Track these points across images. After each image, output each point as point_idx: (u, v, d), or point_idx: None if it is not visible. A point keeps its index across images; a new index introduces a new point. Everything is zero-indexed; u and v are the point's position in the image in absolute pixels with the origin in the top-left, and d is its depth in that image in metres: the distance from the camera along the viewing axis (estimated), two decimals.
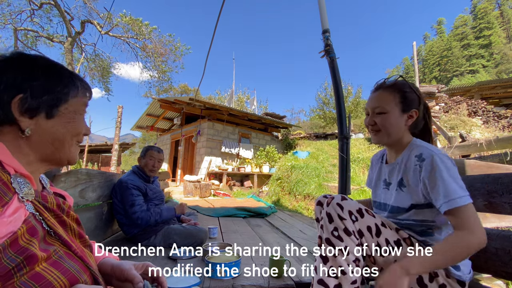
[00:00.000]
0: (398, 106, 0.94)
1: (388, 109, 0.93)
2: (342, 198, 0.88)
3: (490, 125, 7.13)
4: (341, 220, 0.85)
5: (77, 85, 0.60)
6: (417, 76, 7.06)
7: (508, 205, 0.87)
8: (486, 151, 4.34)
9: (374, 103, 0.97)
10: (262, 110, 18.72)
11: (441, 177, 0.78)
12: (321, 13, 2.09)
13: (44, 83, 0.55)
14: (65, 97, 0.57)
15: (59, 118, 0.56)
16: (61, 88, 0.57)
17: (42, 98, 0.54)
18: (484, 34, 44.00)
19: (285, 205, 5.32)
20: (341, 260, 0.82)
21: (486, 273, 0.95)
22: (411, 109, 0.94)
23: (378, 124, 0.95)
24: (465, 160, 1.95)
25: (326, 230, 0.87)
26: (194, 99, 7.36)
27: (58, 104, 0.56)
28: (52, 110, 0.55)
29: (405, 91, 0.95)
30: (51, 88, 0.55)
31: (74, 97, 0.59)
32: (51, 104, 0.55)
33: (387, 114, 0.94)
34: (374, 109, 0.97)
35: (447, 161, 0.82)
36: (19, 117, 0.52)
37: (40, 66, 0.56)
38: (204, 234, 1.97)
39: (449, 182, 0.78)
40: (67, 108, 0.58)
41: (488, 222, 1.97)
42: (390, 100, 0.94)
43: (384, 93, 0.96)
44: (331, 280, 0.83)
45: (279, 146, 10.11)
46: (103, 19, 11.44)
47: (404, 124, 0.95)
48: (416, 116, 0.95)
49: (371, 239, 0.86)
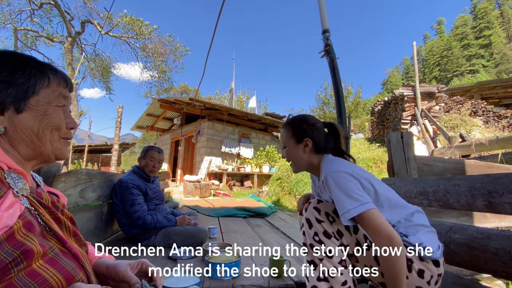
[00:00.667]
0: (292, 139, 1.07)
1: (286, 143, 1.09)
2: (318, 201, 0.91)
3: (490, 125, 7.13)
4: (320, 223, 0.88)
5: (47, 75, 0.57)
6: (417, 76, 7.05)
7: (508, 205, 0.87)
8: (486, 151, 4.35)
9: (281, 140, 1.13)
10: (262, 110, 18.72)
11: (335, 194, 0.86)
12: (321, 13, 2.09)
13: (6, 76, 0.52)
14: (33, 89, 0.54)
15: (31, 111, 0.54)
16: (26, 80, 0.54)
17: (8, 92, 0.52)
18: (484, 34, 44.00)
19: (285, 205, 5.32)
20: (327, 263, 0.85)
21: (486, 273, 0.95)
22: (304, 138, 1.05)
23: (285, 157, 1.10)
24: (465, 160, 1.95)
25: (308, 236, 0.90)
26: (194, 99, 7.36)
27: (26, 97, 0.53)
28: (20, 103, 0.53)
29: (294, 126, 1.08)
30: (14, 80, 0.53)
31: (46, 87, 0.56)
32: (17, 97, 0.52)
33: (287, 147, 1.09)
34: (282, 144, 1.12)
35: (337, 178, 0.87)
36: None
37: (2, 59, 0.54)
38: (204, 234, 1.97)
39: (340, 198, 0.84)
40: (38, 100, 0.55)
41: (488, 222, 1.97)
42: (286, 135, 1.09)
43: (283, 130, 1.12)
44: (322, 285, 0.85)
45: (279, 146, 10.11)
46: (103, 19, 11.45)
47: (303, 152, 1.05)
48: (311, 144, 1.04)
49: (350, 237, 0.88)
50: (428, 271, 0.83)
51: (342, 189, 0.85)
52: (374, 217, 0.79)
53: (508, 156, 3.35)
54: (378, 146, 8.10)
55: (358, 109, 17.85)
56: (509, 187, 0.86)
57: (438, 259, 0.84)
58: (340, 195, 0.84)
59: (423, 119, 6.63)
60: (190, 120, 9.55)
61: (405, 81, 40.56)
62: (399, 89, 7.61)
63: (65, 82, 0.61)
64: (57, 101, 0.58)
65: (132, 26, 11.70)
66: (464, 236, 1.02)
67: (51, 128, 0.56)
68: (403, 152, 1.71)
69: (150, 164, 2.09)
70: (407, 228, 0.89)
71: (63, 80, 0.60)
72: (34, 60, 0.57)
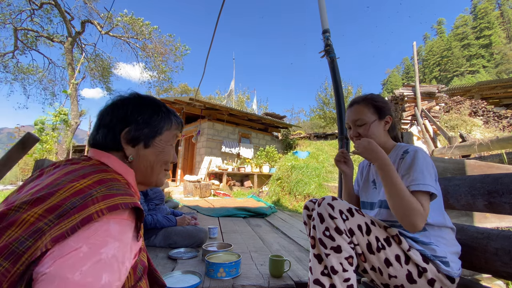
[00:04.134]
0: (374, 115, 1.04)
1: (367, 120, 1.04)
2: (332, 198, 0.92)
3: (491, 125, 7.12)
4: (332, 219, 0.87)
5: (171, 120, 0.69)
6: (417, 76, 7.04)
7: (508, 205, 0.87)
8: (486, 151, 4.34)
9: (353, 117, 1.07)
10: (262, 110, 18.71)
11: (419, 166, 0.89)
12: (321, 13, 2.08)
13: (146, 118, 0.64)
14: (160, 130, 0.66)
15: (154, 148, 0.65)
16: (158, 122, 0.66)
17: (143, 131, 0.63)
18: (484, 34, 43.99)
19: (285, 205, 5.32)
20: (333, 258, 0.85)
21: (486, 273, 0.95)
22: (385, 115, 1.06)
23: (362, 134, 1.04)
24: (465, 160, 1.95)
25: (318, 230, 0.90)
26: (194, 99, 7.36)
27: (155, 136, 0.65)
28: (149, 141, 0.64)
29: (376, 102, 1.06)
30: (150, 122, 0.65)
31: (168, 130, 0.68)
32: (149, 135, 0.64)
33: (367, 124, 1.04)
34: (355, 122, 1.06)
35: (427, 157, 0.93)
36: (125, 145, 0.62)
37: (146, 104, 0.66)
38: (204, 234, 1.97)
39: (423, 170, 0.88)
40: (161, 139, 0.66)
41: (488, 222, 1.97)
42: (366, 111, 1.05)
43: (360, 106, 1.07)
44: (325, 279, 0.85)
45: (279, 146, 10.11)
46: (103, 19, 11.45)
47: (383, 130, 1.06)
48: (391, 121, 1.07)
49: (361, 238, 0.88)
50: (439, 282, 0.84)
51: (429, 166, 0.90)
52: (427, 202, 0.84)
53: (508, 156, 3.35)
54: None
55: None
56: (509, 187, 0.86)
57: (455, 277, 0.86)
58: (425, 169, 0.88)
59: (423, 119, 6.63)
60: (190, 120, 9.55)
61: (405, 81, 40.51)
62: (399, 89, 7.61)
63: (181, 126, 0.74)
64: (172, 141, 0.70)
65: (132, 26, 11.69)
66: (464, 236, 1.02)
67: (162, 163, 0.67)
68: None
69: None
70: (438, 238, 0.91)
71: (180, 124, 0.73)
72: (165, 106, 0.70)
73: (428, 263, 0.85)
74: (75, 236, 0.42)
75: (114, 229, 0.46)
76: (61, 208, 0.44)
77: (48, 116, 4.82)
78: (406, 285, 0.85)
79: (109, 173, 0.56)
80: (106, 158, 0.60)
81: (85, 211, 0.45)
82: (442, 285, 0.84)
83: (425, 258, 0.86)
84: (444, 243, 0.89)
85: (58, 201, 0.45)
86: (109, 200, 0.48)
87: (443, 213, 0.95)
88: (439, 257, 0.86)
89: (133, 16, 11.55)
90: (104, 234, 0.45)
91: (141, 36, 12.04)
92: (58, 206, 0.45)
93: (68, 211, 0.44)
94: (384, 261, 0.86)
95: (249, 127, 9.85)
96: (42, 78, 13.05)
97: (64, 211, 0.44)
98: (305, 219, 1.12)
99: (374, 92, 1.17)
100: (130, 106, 0.64)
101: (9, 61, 11.80)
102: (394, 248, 0.87)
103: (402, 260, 0.85)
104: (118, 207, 0.48)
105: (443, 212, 0.95)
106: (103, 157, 0.61)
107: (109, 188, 0.50)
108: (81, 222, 0.43)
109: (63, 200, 0.45)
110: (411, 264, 0.85)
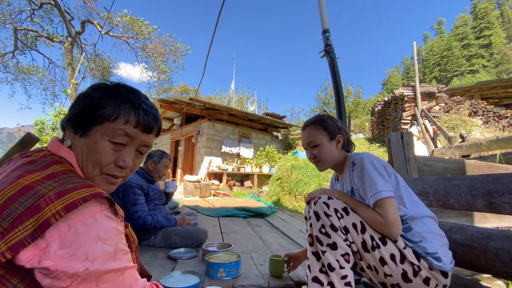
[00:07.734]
0: (325, 137, 1.09)
1: (319, 141, 1.08)
2: (328, 197, 0.94)
3: (490, 125, 7.13)
4: (327, 217, 0.90)
5: (120, 110, 0.54)
6: (417, 76, 7.04)
7: (508, 205, 0.87)
8: (486, 151, 4.34)
9: (307, 139, 1.12)
10: (262, 110, 18.72)
11: (369, 174, 0.93)
12: (321, 13, 2.09)
13: (96, 99, 0.55)
14: (101, 118, 0.53)
15: (88, 139, 0.54)
16: (102, 107, 0.54)
17: (84, 114, 0.55)
18: (484, 34, 44.00)
19: (285, 205, 5.32)
20: (330, 256, 0.86)
21: (486, 273, 0.95)
22: (335, 135, 1.10)
23: (316, 156, 1.09)
24: (465, 160, 1.95)
25: (314, 227, 0.92)
26: (194, 99, 7.36)
27: (94, 124, 0.54)
28: (86, 128, 0.54)
29: (325, 124, 1.11)
30: (94, 104, 0.54)
31: (110, 121, 0.54)
32: (85, 121, 0.54)
33: (320, 145, 1.08)
34: (309, 144, 1.11)
35: (373, 159, 0.97)
36: (67, 127, 0.56)
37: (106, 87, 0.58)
38: (204, 234, 1.97)
39: (374, 178, 0.92)
40: (97, 130, 0.54)
41: (488, 222, 1.97)
42: (317, 133, 1.09)
43: (311, 129, 1.11)
44: (323, 277, 0.87)
45: (279, 146, 10.11)
46: (103, 19, 11.45)
47: (336, 149, 1.10)
48: (342, 140, 1.11)
49: (356, 236, 0.90)
50: (434, 279, 0.85)
51: (377, 168, 0.94)
52: (393, 206, 0.88)
53: (508, 156, 3.34)
54: (378, 146, 8.10)
55: (358, 109, 17.84)
56: (509, 187, 0.86)
57: (448, 271, 0.87)
58: (374, 176, 0.92)
59: (423, 119, 6.63)
60: (190, 120, 9.55)
61: (405, 81, 40.53)
62: (399, 89, 7.61)
63: (143, 124, 0.57)
64: (114, 138, 0.54)
65: (132, 25, 11.69)
66: (464, 236, 1.02)
67: (94, 162, 0.54)
68: (403, 152, 1.71)
69: (162, 171, 2.15)
70: (425, 233, 0.92)
71: (142, 123, 0.56)
72: (132, 93, 0.59)
73: (421, 261, 0.86)
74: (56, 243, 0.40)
75: (99, 228, 0.45)
76: (8, 210, 0.40)
77: (48, 116, 4.81)
78: (402, 284, 0.86)
79: (61, 164, 0.50)
80: (57, 147, 0.54)
81: (40, 215, 0.40)
82: (437, 283, 0.85)
83: (418, 256, 0.87)
84: (432, 238, 0.91)
85: (4, 201, 0.41)
86: (64, 198, 0.42)
87: (415, 203, 0.98)
88: (430, 253, 0.87)
89: (132, 16, 11.55)
90: (87, 239, 0.42)
91: (140, 36, 12.04)
92: (4, 207, 0.40)
93: (17, 213, 0.40)
94: (379, 260, 0.87)
95: (249, 127, 9.85)
96: (42, 78, 13.06)
97: (11, 212, 0.40)
98: (306, 214, 1.13)
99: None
100: (93, 88, 0.57)
101: (9, 61, 11.82)
102: (389, 247, 0.88)
103: (397, 259, 0.86)
104: (75, 204, 0.42)
105: (415, 202, 0.98)
106: (54, 146, 0.54)
107: (62, 183, 0.45)
108: (40, 229, 0.39)
109: (9, 200, 0.41)
110: (406, 263, 0.86)
